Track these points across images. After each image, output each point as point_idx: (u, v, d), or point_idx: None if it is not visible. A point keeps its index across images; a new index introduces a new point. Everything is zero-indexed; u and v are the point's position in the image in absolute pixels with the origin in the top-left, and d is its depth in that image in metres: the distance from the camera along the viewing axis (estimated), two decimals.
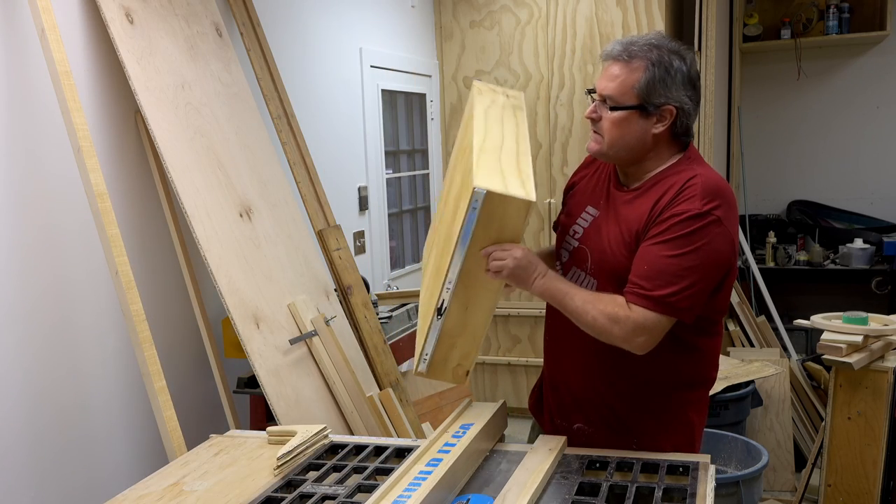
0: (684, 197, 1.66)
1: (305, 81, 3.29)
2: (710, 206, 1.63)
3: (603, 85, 1.73)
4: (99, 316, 2.24)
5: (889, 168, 5.08)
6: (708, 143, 3.96)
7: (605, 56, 1.75)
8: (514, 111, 1.97)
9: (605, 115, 1.73)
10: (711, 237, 1.63)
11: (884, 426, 2.73)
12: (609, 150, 1.75)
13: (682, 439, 1.80)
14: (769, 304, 4.31)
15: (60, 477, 2.13)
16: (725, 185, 1.72)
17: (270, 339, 2.38)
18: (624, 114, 1.71)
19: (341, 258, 2.93)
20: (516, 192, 1.61)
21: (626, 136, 1.72)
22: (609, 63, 1.73)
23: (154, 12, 2.36)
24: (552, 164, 4.49)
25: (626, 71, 1.70)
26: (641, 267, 1.65)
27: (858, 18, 4.89)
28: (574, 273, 1.84)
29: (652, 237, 1.66)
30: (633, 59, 1.69)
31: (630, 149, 1.74)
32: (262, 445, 1.90)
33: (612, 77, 1.71)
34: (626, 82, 1.69)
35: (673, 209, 1.66)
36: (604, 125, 1.73)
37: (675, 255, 1.62)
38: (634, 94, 1.69)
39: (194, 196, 2.30)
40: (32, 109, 2.05)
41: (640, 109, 1.70)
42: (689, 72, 1.72)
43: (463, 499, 1.54)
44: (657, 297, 1.62)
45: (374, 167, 3.86)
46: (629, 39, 1.74)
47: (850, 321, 2.82)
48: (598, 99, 1.75)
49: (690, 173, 1.70)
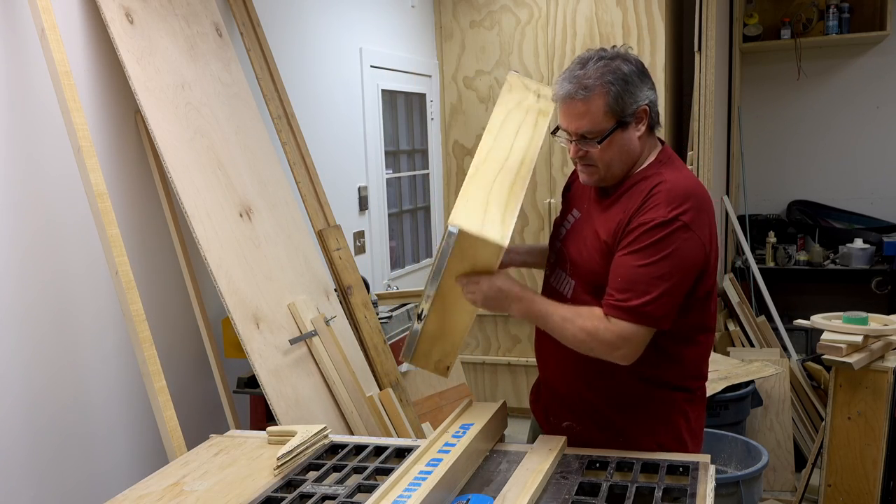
0: (650, 205, 1.68)
1: (305, 81, 3.29)
2: (675, 213, 1.65)
3: (575, 125, 1.73)
4: (99, 315, 2.24)
5: (889, 168, 5.08)
6: (708, 143, 3.96)
7: (563, 98, 1.73)
8: (537, 117, 1.96)
9: (592, 148, 1.73)
10: (679, 243, 1.64)
11: (884, 426, 2.73)
12: (607, 174, 1.77)
13: (667, 439, 1.80)
14: (769, 304, 4.30)
15: (60, 477, 2.13)
16: (695, 188, 1.72)
17: (270, 339, 2.38)
18: (614, 135, 1.72)
19: (341, 258, 2.93)
20: (490, 234, 1.67)
21: (618, 154, 1.74)
22: (565, 101, 1.73)
23: (154, 12, 2.36)
24: (552, 164, 4.49)
25: (588, 102, 1.70)
26: (616, 279, 1.68)
27: (858, 18, 4.89)
28: (557, 274, 1.89)
29: (623, 248, 1.69)
30: (589, 90, 1.69)
31: (625, 162, 1.77)
32: (262, 445, 1.90)
33: (580, 114, 1.71)
34: (595, 112, 1.70)
35: (640, 218, 1.68)
36: (594, 157, 1.74)
37: (645, 264, 1.64)
38: (609, 116, 1.70)
39: (194, 196, 2.30)
40: (32, 109, 2.05)
41: (620, 126, 1.72)
42: (637, 67, 1.73)
43: (463, 499, 1.54)
44: (631, 307, 1.64)
45: (374, 167, 3.86)
46: (572, 70, 1.73)
47: (850, 321, 2.82)
48: (573, 139, 1.75)
49: (657, 179, 1.72)
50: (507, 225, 1.70)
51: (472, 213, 1.69)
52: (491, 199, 1.75)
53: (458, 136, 4.67)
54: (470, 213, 1.69)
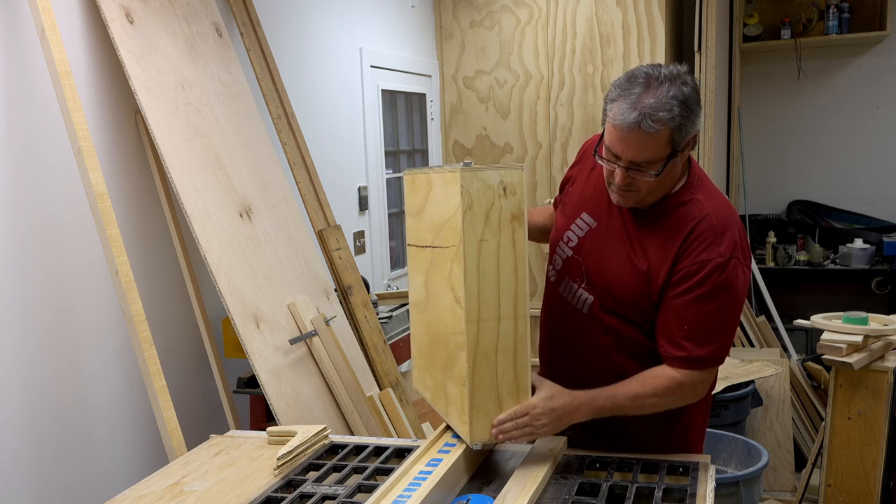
0: (702, 244, 1.62)
1: (305, 81, 3.29)
2: (730, 249, 1.62)
3: (633, 154, 1.59)
4: (99, 315, 2.24)
5: (889, 168, 5.08)
6: (708, 143, 3.96)
7: (625, 126, 1.57)
8: (512, 226, 1.57)
9: (643, 177, 1.62)
10: (736, 278, 1.63)
11: (884, 426, 2.73)
12: (646, 198, 1.68)
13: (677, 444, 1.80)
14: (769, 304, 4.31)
15: (60, 477, 2.12)
16: (731, 211, 1.69)
17: (270, 339, 2.38)
18: (665, 168, 1.61)
19: (341, 258, 2.93)
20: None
21: (665, 183, 1.67)
22: (630, 132, 1.57)
23: (154, 12, 2.36)
24: (552, 164, 4.49)
25: (654, 136, 1.56)
26: (681, 326, 1.63)
27: (858, 18, 4.89)
28: (567, 284, 1.81)
29: (679, 292, 1.63)
30: (660, 124, 1.55)
31: (666, 188, 1.69)
32: (262, 445, 1.90)
33: (642, 146, 1.57)
34: (658, 145, 1.58)
35: (694, 258, 1.62)
36: (639, 184, 1.63)
37: (711, 310, 1.62)
38: (668, 146, 1.59)
39: (194, 196, 2.29)
40: (32, 109, 2.05)
41: (673, 156, 1.61)
42: (696, 90, 1.62)
43: (463, 499, 1.53)
44: (704, 357, 1.64)
45: (374, 167, 3.86)
46: (635, 94, 1.56)
47: (850, 321, 2.82)
48: (623, 165, 1.61)
49: (698, 210, 1.66)
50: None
51: (488, 419, 1.58)
52: (500, 386, 1.60)
53: (458, 136, 4.67)
54: (485, 419, 1.58)
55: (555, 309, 1.87)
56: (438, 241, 1.67)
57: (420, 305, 1.86)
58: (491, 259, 1.56)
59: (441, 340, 1.71)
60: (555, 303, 1.86)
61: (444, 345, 1.69)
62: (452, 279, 1.59)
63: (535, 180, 4.53)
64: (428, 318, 1.79)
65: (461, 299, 1.55)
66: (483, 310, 1.56)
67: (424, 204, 1.75)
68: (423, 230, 1.77)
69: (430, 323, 1.77)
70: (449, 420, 1.72)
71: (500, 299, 1.57)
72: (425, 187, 1.73)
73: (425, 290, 1.79)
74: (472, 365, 1.56)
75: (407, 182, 1.88)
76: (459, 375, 1.60)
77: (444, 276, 1.64)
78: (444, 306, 1.66)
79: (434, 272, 1.71)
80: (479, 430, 1.59)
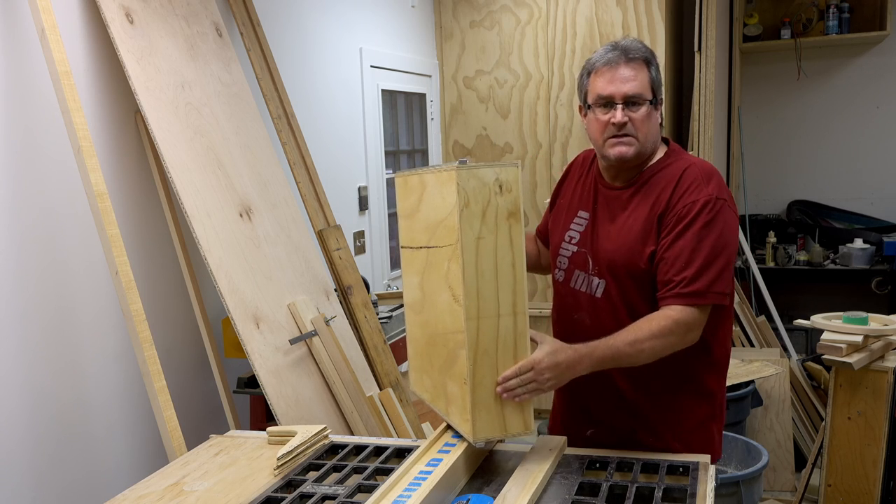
0: (689, 187, 1.72)
1: (305, 81, 3.29)
2: (716, 191, 1.71)
3: (624, 88, 1.73)
4: (99, 315, 2.24)
5: (889, 168, 5.08)
6: (708, 143, 3.96)
7: (608, 63, 1.75)
8: (508, 223, 1.57)
9: (636, 113, 1.74)
10: (726, 217, 1.70)
11: (884, 426, 2.73)
12: (644, 146, 1.77)
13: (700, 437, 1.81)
14: (769, 304, 4.30)
15: (60, 477, 2.12)
16: (714, 167, 1.80)
17: (270, 339, 2.38)
18: (650, 108, 1.75)
19: (341, 258, 2.93)
20: (516, 430, 1.61)
21: (653, 130, 1.77)
22: (611, 67, 1.74)
23: (154, 12, 2.36)
24: (552, 165, 4.49)
25: (636, 69, 1.73)
26: (675, 263, 1.68)
27: (858, 18, 4.89)
28: (577, 277, 1.86)
29: (672, 231, 1.70)
30: (633, 60, 1.74)
31: (654, 142, 1.80)
32: (262, 445, 1.90)
33: (629, 78, 1.73)
34: (643, 79, 1.74)
35: (684, 200, 1.70)
36: (636, 124, 1.74)
37: (701, 244, 1.67)
38: (650, 88, 1.75)
39: (194, 196, 2.29)
40: (32, 109, 2.05)
41: (653, 104, 1.76)
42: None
43: (463, 499, 1.53)
44: (700, 290, 1.66)
45: (374, 167, 3.86)
46: (616, 44, 1.78)
47: (850, 321, 2.82)
48: (619, 102, 1.73)
49: (682, 164, 1.77)
50: (526, 410, 1.60)
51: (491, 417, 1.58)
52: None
53: (458, 136, 4.67)
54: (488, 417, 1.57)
55: (568, 303, 1.90)
56: (434, 241, 1.67)
57: (416, 307, 1.86)
58: (489, 256, 1.55)
59: (440, 340, 1.71)
60: (567, 297, 1.89)
61: (443, 344, 1.69)
62: (450, 278, 1.59)
63: (535, 180, 4.53)
64: (425, 318, 1.79)
65: (460, 297, 1.55)
66: (482, 307, 1.56)
67: (418, 205, 1.75)
68: (418, 231, 1.77)
69: (428, 323, 1.77)
70: (450, 419, 1.72)
71: (498, 296, 1.57)
72: (418, 188, 1.74)
73: (421, 291, 1.79)
74: (472, 363, 1.56)
75: (399, 184, 1.88)
76: (460, 374, 1.60)
77: (441, 275, 1.64)
78: (441, 306, 1.66)
79: (430, 272, 1.71)
80: (481, 427, 1.59)
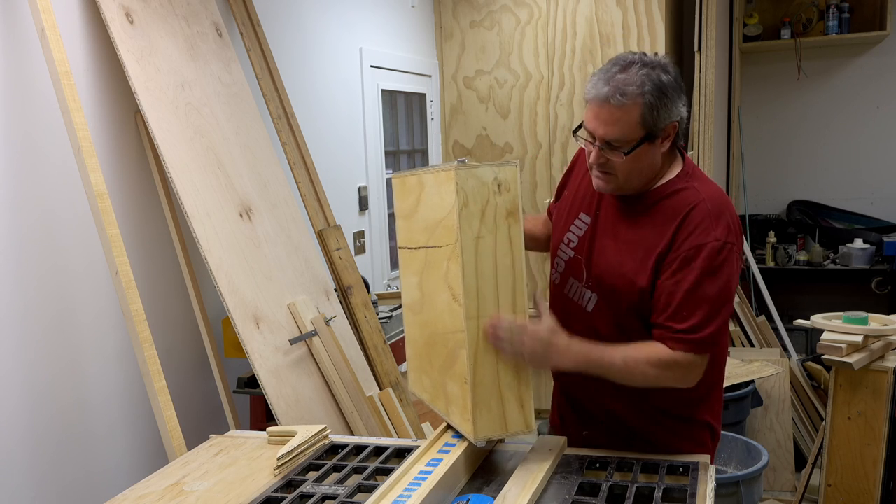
0: (697, 226, 1.63)
1: (305, 81, 3.29)
2: (725, 235, 1.62)
3: (604, 130, 1.62)
4: (99, 315, 2.24)
5: (889, 168, 5.08)
6: (708, 143, 3.96)
7: (596, 100, 1.62)
8: (507, 222, 1.57)
9: (615, 158, 1.64)
10: (731, 263, 1.63)
11: (884, 426, 2.73)
12: (625, 184, 1.69)
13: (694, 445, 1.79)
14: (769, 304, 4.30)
15: (60, 477, 2.12)
16: (726, 198, 1.70)
17: (270, 339, 2.38)
18: (641, 147, 1.63)
19: (341, 258, 2.93)
20: (516, 429, 1.60)
21: (640, 168, 1.67)
22: (599, 103, 1.62)
23: (154, 12, 2.36)
24: (552, 165, 4.49)
25: (623, 110, 1.60)
26: (675, 308, 1.62)
27: (858, 18, 4.89)
28: (571, 284, 1.82)
29: (676, 273, 1.63)
30: (627, 97, 1.59)
31: (645, 176, 1.70)
32: (262, 445, 1.90)
33: (612, 121, 1.61)
34: (628, 122, 1.61)
35: (691, 241, 1.62)
36: (614, 166, 1.66)
37: (706, 292, 1.61)
38: (640, 128, 1.62)
39: (194, 196, 2.29)
40: (32, 109, 2.05)
41: (649, 139, 1.63)
42: (676, 80, 1.64)
43: (463, 499, 1.53)
44: (702, 339, 1.61)
45: (374, 167, 3.86)
46: (611, 72, 1.62)
47: (850, 321, 2.82)
48: (598, 143, 1.65)
49: (693, 196, 1.67)
50: (528, 406, 1.60)
51: (492, 417, 1.57)
52: (501, 383, 1.59)
53: (458, 136, 4.67)
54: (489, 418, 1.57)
55: (560, 311, 1.86)
56: (433, 241, 1.67)
57: (414, 307, 1.85)
58: (488, 256, 1.55)
59: (439, 340, 1.71)
60: (560, 304, 1.86)
61: (442, 344, 1.69)
62: (450, 277, 1.59)
63: (535, 180, 4.53)
64: (424, 319, 1.79)
65: (460, 297, 1.55)
66: (482, 306, 1.56)
67: (416, 205, 1.74)
68: (416, 231, 1.76)
69: (427, 324, 1.77)
70: (450, 419, 1.72)
71: (498, 295, 1.57)
72: (416, 189, 1.73)
73: (420, 292, 1.79)
74: (473, 362, 1.56)
75: (396, 185, 1.87)
76: (460, 373, 1.60)
77: (441, 275, 1.63)
78: (441, 306, 1.66)
79: (429, 273, 1.71)
80: (482, 426, 1.58)
